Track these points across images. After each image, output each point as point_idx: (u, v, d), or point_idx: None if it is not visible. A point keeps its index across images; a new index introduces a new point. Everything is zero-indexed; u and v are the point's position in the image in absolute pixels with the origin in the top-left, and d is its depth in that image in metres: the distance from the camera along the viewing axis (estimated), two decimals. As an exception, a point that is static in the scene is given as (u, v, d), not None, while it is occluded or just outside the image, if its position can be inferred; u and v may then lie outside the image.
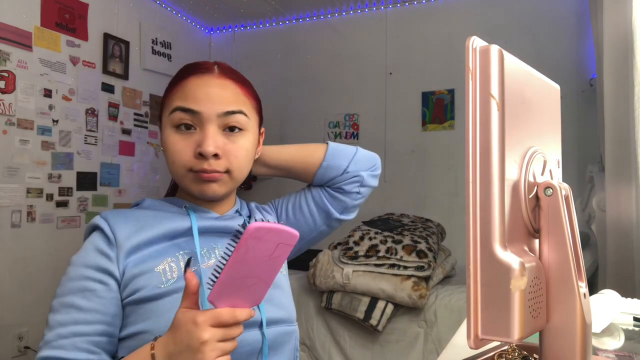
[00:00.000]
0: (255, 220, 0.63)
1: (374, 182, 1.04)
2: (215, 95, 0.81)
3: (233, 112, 0.82)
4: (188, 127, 0.81)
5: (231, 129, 0.82)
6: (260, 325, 0.80)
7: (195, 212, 0.86)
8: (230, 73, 0.85)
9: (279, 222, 0.99)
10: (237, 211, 0.92)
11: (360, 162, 1.02)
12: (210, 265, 0.81)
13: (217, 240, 0.85)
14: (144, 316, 0.75)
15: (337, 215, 1.01)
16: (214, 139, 0.80)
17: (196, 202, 0.87)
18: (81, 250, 0.80)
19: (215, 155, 0.80)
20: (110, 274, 0.77)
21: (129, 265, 0.77)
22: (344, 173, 0.99)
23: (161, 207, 0.86)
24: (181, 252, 0.81)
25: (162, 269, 0.78)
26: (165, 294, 0.76)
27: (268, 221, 0.62)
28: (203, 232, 0.84)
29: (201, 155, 0.79)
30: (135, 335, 0.75)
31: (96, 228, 0.81)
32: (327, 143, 1.01)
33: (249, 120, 0.85)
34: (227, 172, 0.82)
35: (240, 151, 0.83)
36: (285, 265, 0.94)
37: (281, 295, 0.87)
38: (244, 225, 0.60)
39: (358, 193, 1.02)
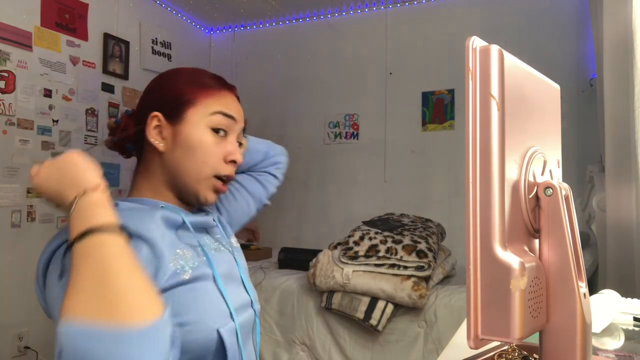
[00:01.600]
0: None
1: (285, 170, 1.17)
2: (241, 112, 0.91)
3: (244, 130, 0.93)
4: (222, 132, 0.86)
5: (239, 144, 0.91)
6: (252, 304, 0.89)
7: (173, 210, 0.84)
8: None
9: (220, 211, 1.04)
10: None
11: (274, 147, 1.15)
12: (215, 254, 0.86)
13: (201, 235, 0.87)
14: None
15: (265, 200, 1.12)
16: (239, 150, 0.89)
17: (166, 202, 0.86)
18: None
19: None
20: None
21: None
22: (265, 158, 1.11)
23: (140, 209, 0.81)
24: (182, 246, 0.79)
25: (174, 262, 0.75)
26: (185, 282, 0.75)
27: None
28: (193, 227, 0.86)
29: (231, 162, 0.86)
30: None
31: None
32: None
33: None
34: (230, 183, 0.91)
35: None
36: (240, 249, 0.99)
37: (249, 279, 0.95)
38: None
39: (276, 178, 1.14)
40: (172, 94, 0.86)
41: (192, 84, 0.86)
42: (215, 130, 0.85)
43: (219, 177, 0.85)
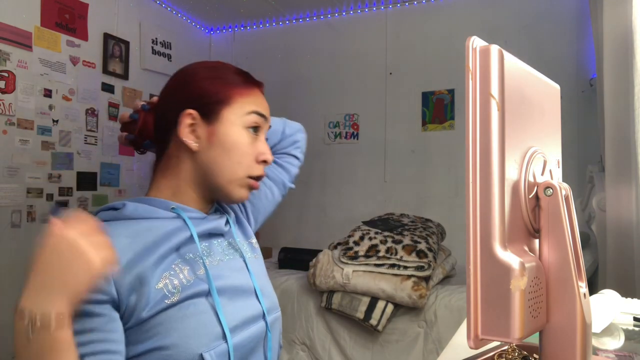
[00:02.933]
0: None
1: (304, 148, 1.14)
2: (268, 110, 0.90)
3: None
4: (255, 130, 0.85)
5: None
6: (264, 316, 0.84)
7: (184, 212, 0.81)
8: None
9: (245, 207, 1.02)
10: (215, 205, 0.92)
11: (290, 125, 1.11)
12: (217, 264, 0.82)
13: (210, 240, 0.84)
14: (152, 332, 0.71)
15: (289, 184, 1.10)
16: (270, 150, 0.88)
17: (200, 206, 0.85)
18: None
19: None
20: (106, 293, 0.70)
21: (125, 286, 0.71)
22: (283, 138, 1.08)
23: (147, 214, 0.78)
24: (179, 261, 0.77)
25: (164, 285, 0.73)
26: (172, 305, 0.73)
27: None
28: (199, 237, 0.82)
29: (262, 163, 0.85)
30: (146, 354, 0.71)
31: None
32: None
33: None
34: None
35: None
36: (258, 251, 0.96)
37: (267, 285, 0.91)
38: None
39: (297, 158, 1.12)
40: (206, 92, 0.83)
41: (225, 82, 0.85)
42: (249, 129, 0.84)
43: (251, 177, 0.84)
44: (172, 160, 0.83)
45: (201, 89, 0.83)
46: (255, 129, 0.85)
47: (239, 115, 0.83)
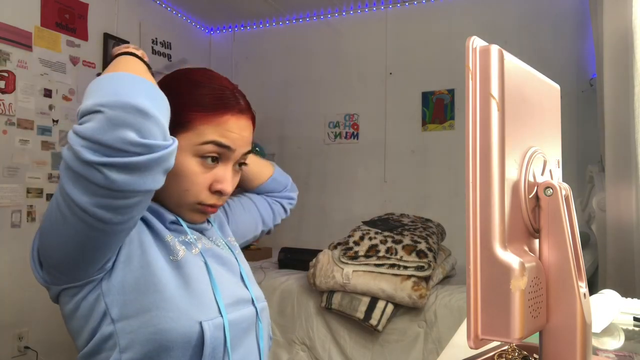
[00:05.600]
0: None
1: (293, 207, 1.22)
2: (245, 137, 0.84)
3: (249, 152, 0.87)
4: (213, 159, 0.81)
5: (240, 164, 0.87)
6: (252, 301, 0.87)
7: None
8: (251, 111, 0.87)
9: (228, 220, 1.04)
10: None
11: (293, 185, 1.20)
12: (209, 248, 0.86)
13: (197, 233, 0.87)
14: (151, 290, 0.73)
15: (271, 226, 1.15)
16: (232, 180, 0.84)
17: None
18: None
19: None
20: None
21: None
22: (283, 190, 1.16)
23: (147, 216, 0.81)
24: (175, 240, 0.80)
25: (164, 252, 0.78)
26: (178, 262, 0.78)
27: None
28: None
29: (217, 193, 0.82)
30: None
31: None
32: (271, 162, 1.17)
33: None
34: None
35: (235, 184, 0.88)
36: (239, 248, 0.99)
37: (252, 276, 0.95)
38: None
39: (286, 212, 1.19)
40: (171, 109, 0.82)
41: (190, 104, 0.80)
42: (204, 157, 0.79)
43: (202, 204, 0.82)
44: None
45: (175, 98, 0.83)
46: (212, 157, 0.80)
47: (192, 143, 0.78)
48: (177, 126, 0.77)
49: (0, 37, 2.38)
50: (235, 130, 0.81)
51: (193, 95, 0.81)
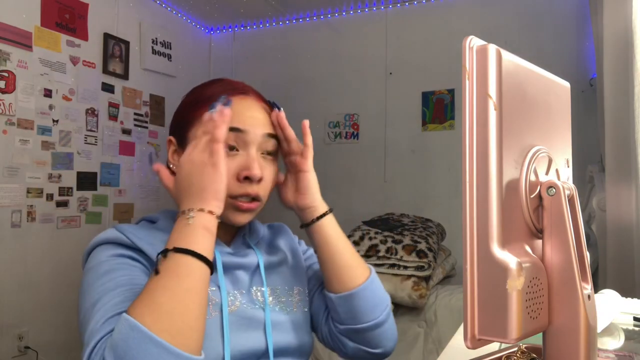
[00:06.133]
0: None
1: None
2: (259, 118, 0.79)
3: (272, 136, 0.81)
4: (231, 148, 0.76)
5: (268, 152, 0.81)
6: (266, 355, 0.76)
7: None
8: (256, 93, 0.84)
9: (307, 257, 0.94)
10: (243, 235, 0.86)
11: (390, 316, 0.86)
12: (234, 310, 0.76)
13: (236, 274, 0.79)
14: None
15: (321, 338, 0.89)
16: (259, 162, 0.78)
17: None
18: (90, 262, 0.73)
19: (259, 180, 0.77)
20: (136, 259, 0.72)
21: None
22: (365, 324, 0.81)
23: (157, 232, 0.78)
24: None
25: None
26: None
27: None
28: (224, 268, 0.78)
29: (246, 179, 0.75)
30: None
31: (105, 242, 0.74)
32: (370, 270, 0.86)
33: (277, 148, 0.83)
34: (260, 199, 0.79)
35: (271, 177, 0.81)
36: (294, 304, 0.85)
37: (290, 320, 0.81)
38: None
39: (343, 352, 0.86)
40: (179, 116, 0.82)
41: (193, 101, 0.80)
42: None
43: (233, 197, 0.76)
44: None
45: (177, 113, 0.83)
46: (231, 147, 0.76)
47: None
48: (186, 125, 0.79)
49: (0, 37, 2.38)
50: (245, 110, 0.78)
51: (200, 92, 0.82)
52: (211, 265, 0.65)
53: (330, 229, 0.83)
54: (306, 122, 0.81)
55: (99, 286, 0.67)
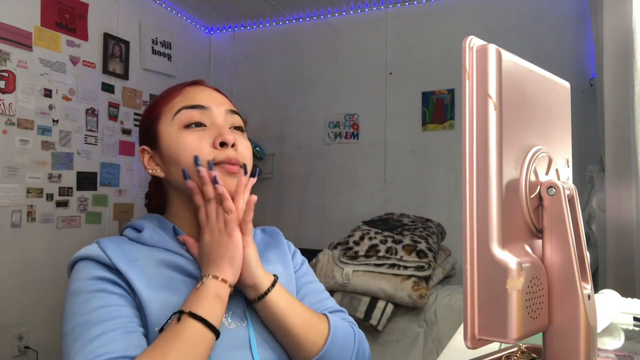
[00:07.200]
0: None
1: None
2: (216, 97, 0.84)
3: (235, 112, 0.85)
4: (198, 125, 0.79)
5: (235, 127, 0.84)
6: None
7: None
8: (214, 88, 0.88)
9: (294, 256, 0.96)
10: None
11: None
12: (232, 328, 0.76)
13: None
14: None
15: None
16: (229, 131, 0.81)
17: (195, 227, 0.81)
18: (72, 284, 0.73)
19: (233, 146, 0.79)
20: (115, 282, 0.72)
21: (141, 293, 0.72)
22: None
23: (161, 243, 0.79)
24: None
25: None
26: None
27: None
28: None
29: (222, 145, 0.78)
30: None
31: (87, 258, 0.75)
32: (328, 320, 0.85)
33: (243, 124, 0.87)
34: (242, 166, 0.80)
35: (248, 147, 0.83)
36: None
37: (271, 339, 0.80)
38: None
39: None
40: (144, 122, 0.86)
41: (155, 103, 0.85)
42: (188, 127, 0.79)
43: (218, 163, 0.78)
44: (167, 194, 0.86)
45: (142, 122, 0.87)
46: (195, 123, 0.79)
47: (170, 122, 0.80)
48: (153, 123, 0.83)
49: (0, 37, 2.38)
50: (200, 93, 0.83)
51: (159, 97, 0.86)
52: (218, 334, 0.70)
53: (277, 304, 0.77)
54: (252, 198, 0.77)
55: (81, 316, 0.68)
